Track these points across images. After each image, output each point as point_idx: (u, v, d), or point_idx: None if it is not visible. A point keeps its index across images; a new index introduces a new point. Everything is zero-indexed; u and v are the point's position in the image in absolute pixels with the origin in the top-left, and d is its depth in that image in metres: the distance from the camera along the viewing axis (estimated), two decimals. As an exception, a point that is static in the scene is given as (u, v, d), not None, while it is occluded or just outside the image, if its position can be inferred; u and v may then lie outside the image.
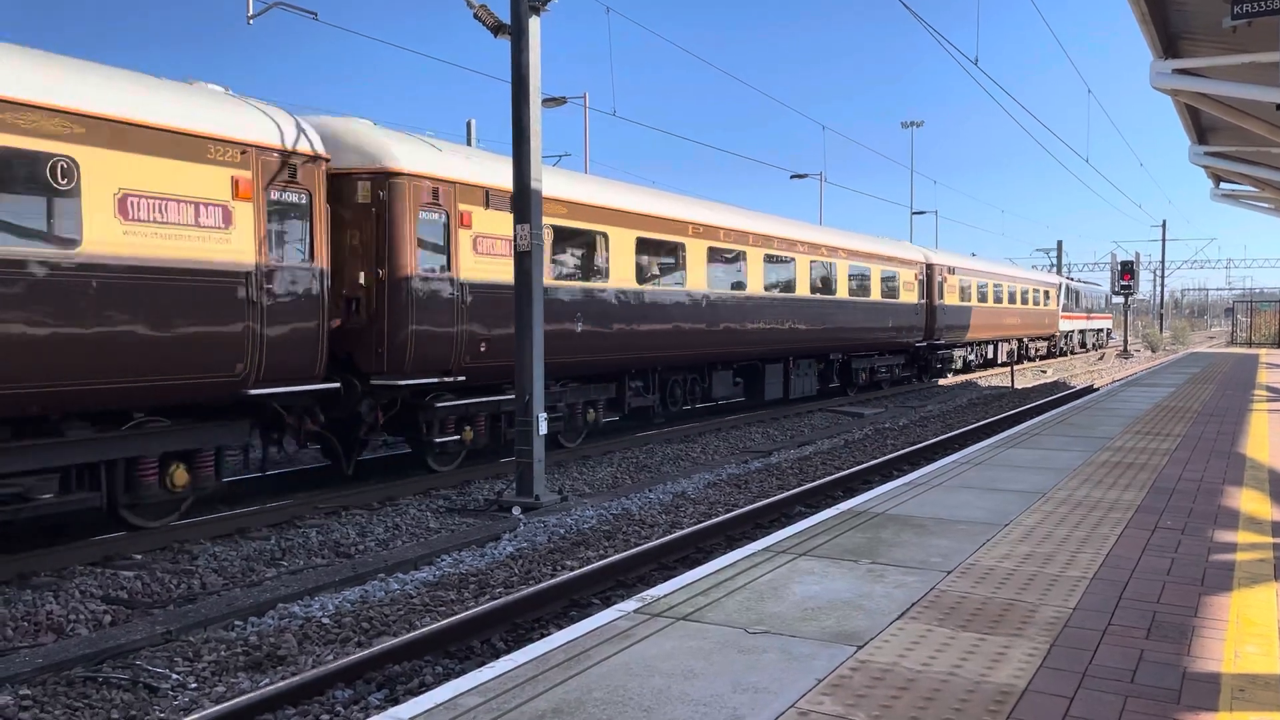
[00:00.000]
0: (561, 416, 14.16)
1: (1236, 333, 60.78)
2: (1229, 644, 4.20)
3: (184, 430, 9.23)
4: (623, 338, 14.95)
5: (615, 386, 15.58)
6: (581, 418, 14.79)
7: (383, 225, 11.10)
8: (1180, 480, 8.30)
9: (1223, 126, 16.06)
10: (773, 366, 20.11)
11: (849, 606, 4.70)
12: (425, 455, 12.39)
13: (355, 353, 11.13)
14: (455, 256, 11.84)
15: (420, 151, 11.69)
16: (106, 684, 5.82)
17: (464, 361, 11.96)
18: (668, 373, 16.96)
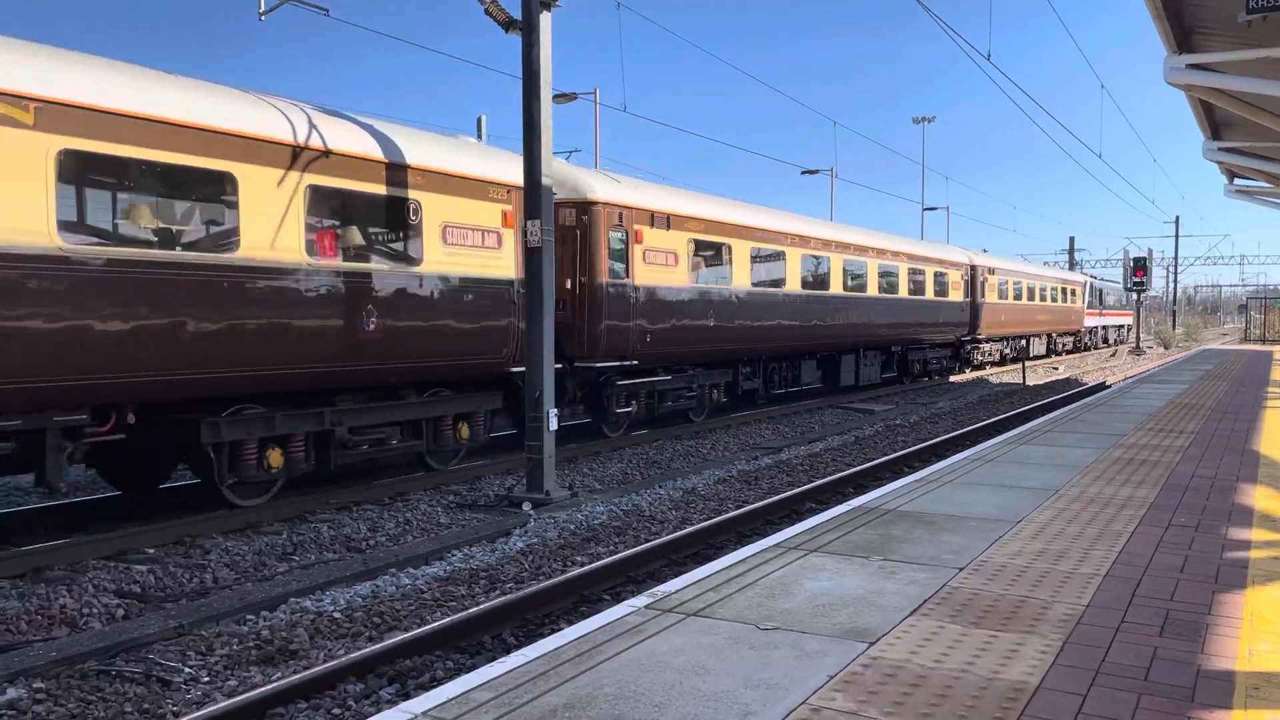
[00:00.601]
0: (695, 396, 17.37)
1: (1250, 329, 60.48)
2: (1243, 642, 4.17)
3: (465, 398, 12.28)
4: (740, 331, 17.86)
5: (731, 372, 18.42)
6: (708, 398, 17.75)
7: (584, 242, 14.24)
8: (1194, 477, 8.26)
9: (1237, 122, 15.95)
10: (847, 357, 22.92)
11: (861, 603, 4.69)
12: (603, 423, 15.38)
13: (563, 342, 13.72)
14: (632, 266, 15.04)
15: (608, 184, 14.85)
16: (120, 677, 5.85)
17: (636, 349, 15.12)
18: (768, 361, 19.84)
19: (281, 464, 10.04)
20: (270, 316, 9.49)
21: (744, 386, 18.93)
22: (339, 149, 10.26)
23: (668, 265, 15.78)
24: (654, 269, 15.43)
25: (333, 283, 10.14)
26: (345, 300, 10.26)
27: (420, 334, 11.12)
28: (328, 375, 10.15)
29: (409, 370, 11.12)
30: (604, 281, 14.37)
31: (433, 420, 11.80)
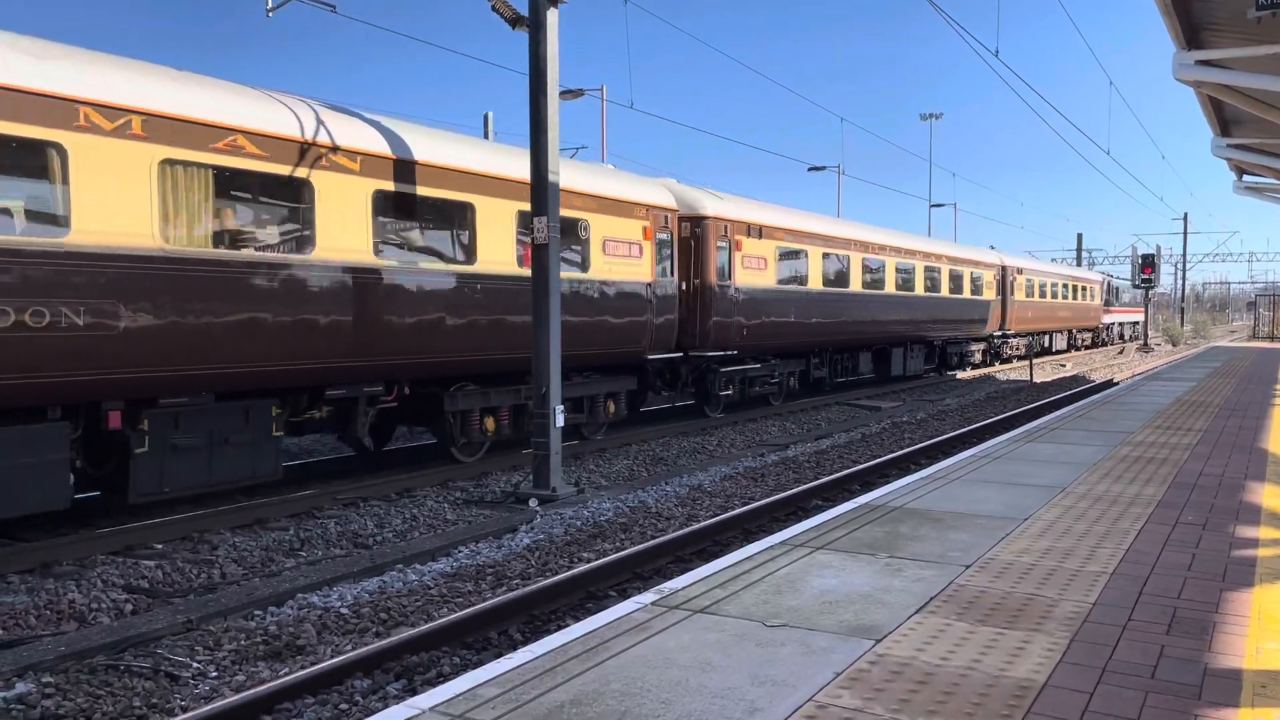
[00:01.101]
0: (777, 383, 19.85)
1: (1259, 327, 60.29)
2: (1250, 640, 4.17)
3: (612, 380, 14.94)
4: (813, 327, 20.39)
5: (804, 363, 21.08)
6: (786, 384, 20.38)
7: (697, 251, 16.78)
8: (1201, 475, 8.24)
9: (1246, 119, 15.89)
10: (897, 350, 25.30)
11: (867, 600, 4.69)
12: (705, 404, 18.00)
13: (680, 335, 16.38)
14: (733, 270, 17.47)
15: (715, 201, 17.37)
16: (128, 672, 5.88)
17: (736, 341, 17.53)
18: (833, 353, 22.41)
19: (493, 429, 12.73)
20: (494, 314, 12.20)
21: (814, 375, 21.65)
22: (582, 187, 13.89)
23: (760, 269, 18.35)
24: (750, 273, 18.00)
25: (581, 296, 13.62)
26: (581, 301, 13.67)
27: (588, 327, 13.85)
28: (523, 361, 12.33)
29: (579, 357, 13.73)
30: (713, 283, 16.94)
31: (590, 397, 14.48)
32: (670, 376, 16.99)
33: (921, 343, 26.92)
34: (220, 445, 9.37)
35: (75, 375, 8.06)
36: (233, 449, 9.48)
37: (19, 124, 7.72)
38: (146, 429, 8.78)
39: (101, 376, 8.26)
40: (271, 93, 10.15)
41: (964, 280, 29.20)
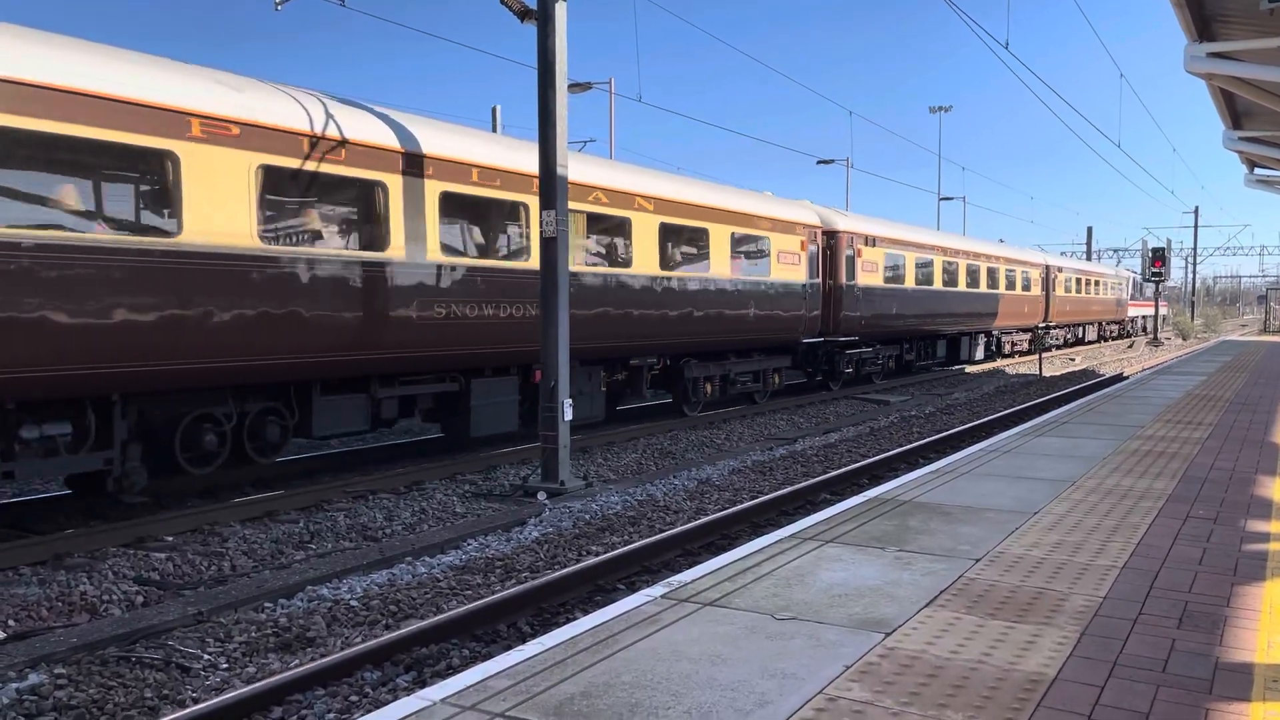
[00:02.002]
0: (880, 364, 24.49)
1: (1270, 320, 60.04)
2: (1262, 634, 4.15)
3: (776, 358, 19.50)
4: (908, 319, 24.92)
5: (899, 349, 25.56)
6: (887, 366, 24.97)
7: (832, 257, 21.17)
8: (1212, 469, 8.21)
9: (1258, 111, 15.80)
10: (964, 338, 29.90)
11: (876, 593, 4.68)
12: (830, 380, 22.64)
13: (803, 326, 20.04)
14: (856, 273, 21.93)
15: (844, 218, 21.99)
16: (140, 663, 5.91)
17: (857, 329, 22.06)
18: (919, 341, 26.87)
19: (708, 393, 17.41)
20: (714, 309, 16.72)
21: (906, 359, 26.18)
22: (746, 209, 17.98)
23: (873, 272, 22.77)
24: (867, 274, 22.40)
25: (740, 288, 17.57)
26: (745, 298, 17.68)
27: (768, 318, 18.36)
28: (729, 343, 17.36)
29: (759, 340, 18.38)
30: (843, 283, 21.35)
31: (764, 371, 19.18)
32: (810, 357, 21.60)
33: (984, 332, 31.58)
34: (578, 395, 13.67)
35: (526, 348, 12.46)
36: (584, 397, 14.06)
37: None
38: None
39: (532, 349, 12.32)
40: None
41: (1016, 278, 33.77)
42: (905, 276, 24.55)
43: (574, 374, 13.19)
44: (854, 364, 22.95)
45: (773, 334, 18.60)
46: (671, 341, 15.70)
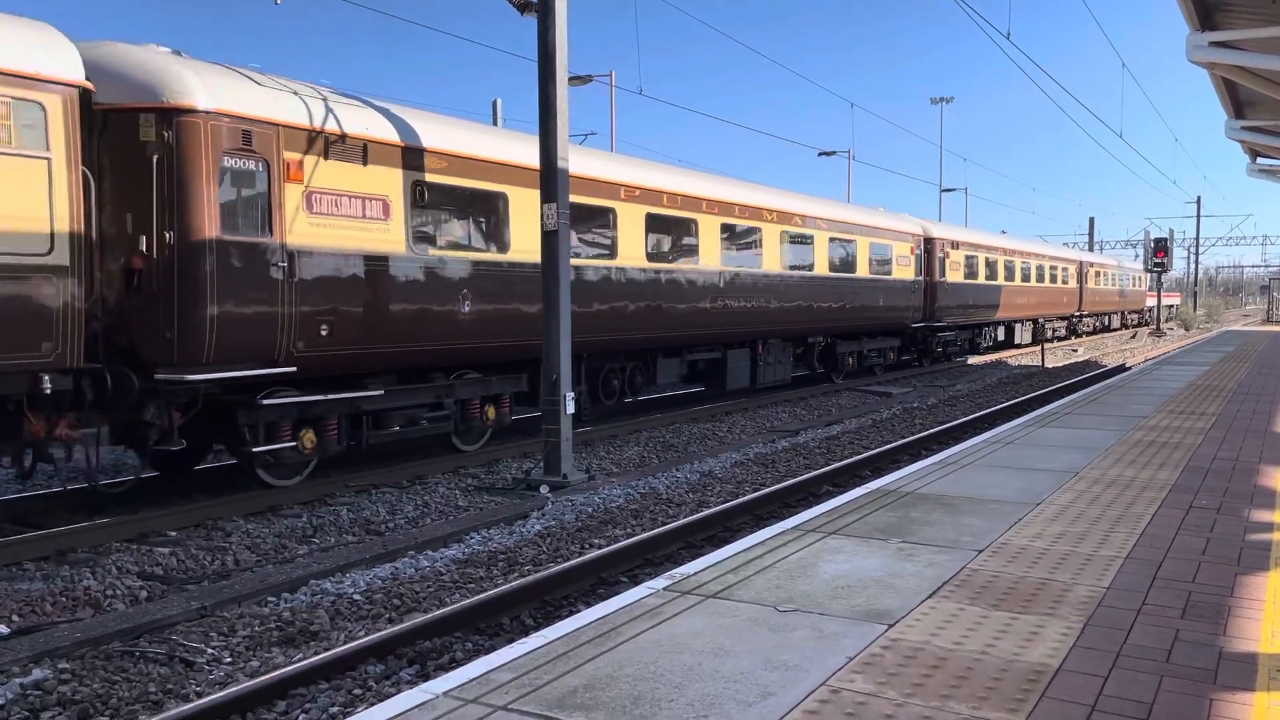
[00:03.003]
0: (959, 345, 29.69)
1: (1272, 310, 59.98)
2: (1266, 624, 4.15)
3: (890, 340, 24.55)
4: (980, 308, 30.35)
5: (973, 332, 30.94)
6: (967, 346, 30.54)
7: (929, 260, 26.15)
8: (1215, 459, 8.20)
9: (1261, 100, 15.75)
10: (1016, 325, 35.20)
11: (879, 585, 4.68)
12: (924, 359, 27.86)
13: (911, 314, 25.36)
14: (946, 272, 27.15)
15: (936, 227, 27.24)
16: (143, 658, 5.91)
17: (945, 317, 27.25)
18: (985, 327, 32.00)
19: (850, 365, 22.86)
20: (858, 301, 22.06)
21: (975, 340, 31.41)
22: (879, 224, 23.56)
23: (957, 270, 28.29)
24: (953, 272, 27.93)
25: (875, 285, 22.90)
26: (877, 292, 23.02)
27: (891, 308, 23.93)
28: (865, 327, 22.95)
29: (884, 325, 23.95)
30: (937, 280, 26.65)
31: (884, 349, 24.67)
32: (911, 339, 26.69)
33: (1031, 320, 36.66)
34: (773, 364, 19.11)
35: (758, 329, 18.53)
36: (779, 365, 19.45)
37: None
38: (763, 353, 18.80)
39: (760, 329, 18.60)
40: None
41: (1056, 273, 39.25)
42: (977, 274, 30.04)
43: (774, 347, 19.40)
44: (942, 344, 28.42)
45: (893, 320, 24.20)
46: (832, 325, 21.32)
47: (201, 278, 8.86)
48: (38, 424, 8.15)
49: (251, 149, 9.30)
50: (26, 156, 7.81)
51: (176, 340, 8.79)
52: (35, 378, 7.93)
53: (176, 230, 8.76)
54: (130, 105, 8.74)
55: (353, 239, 10.25)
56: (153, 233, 8.72)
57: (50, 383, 7.98)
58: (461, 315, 11.49)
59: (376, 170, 10.41)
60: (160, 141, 8.73)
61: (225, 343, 9.03)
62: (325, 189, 9.99)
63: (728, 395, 18.98)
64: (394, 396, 11.06)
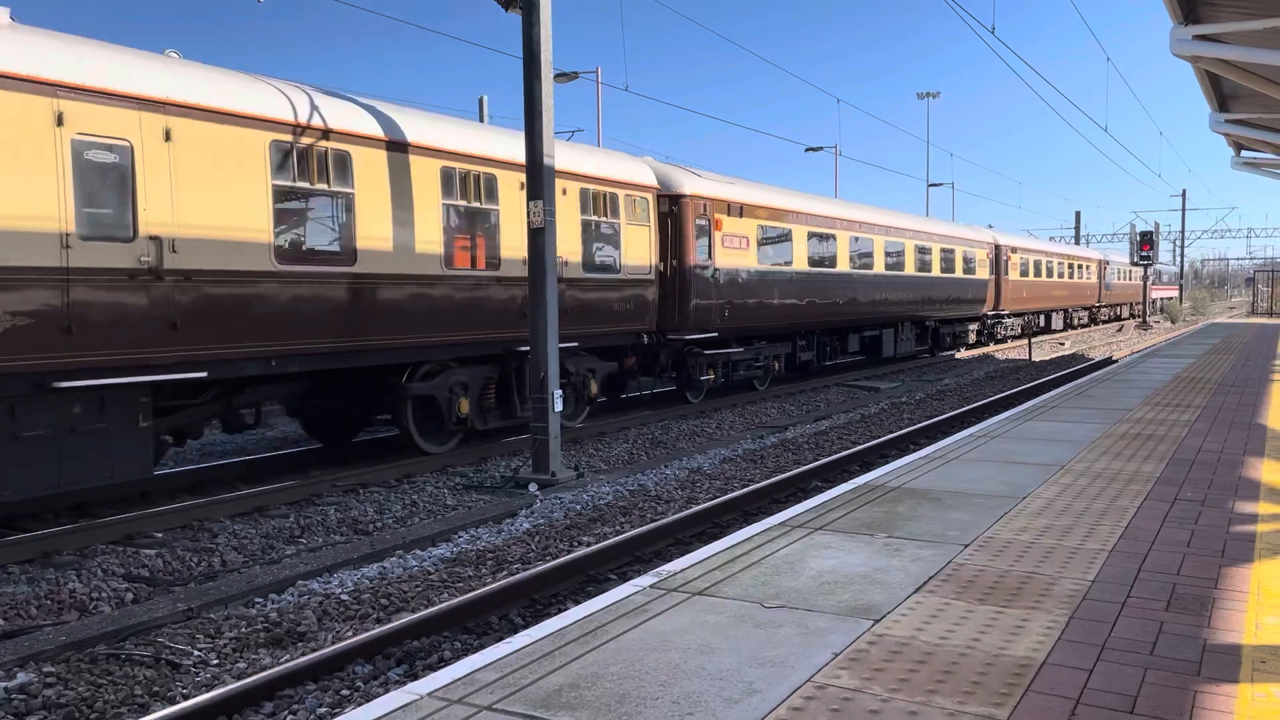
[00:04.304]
0: (1016, 331, 36.48)
1: (1257, 302, 60.30)
2: (1250, 615, 4.17)
3: (969, 324, 31.95)
4: (1035, 300, 38.11)
5: (1023, 320, 37.58)
6: (1031, 328, 37.10)
7: (997, 261, 33.33)
8: (1200, 452, 8.24)
9: (1244, 93, 15.80)
10: (1053, 314, 42.19)
11: (866, 580, 4.69)
12: (990, 339, 34.25)
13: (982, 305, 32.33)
14: (1009, 271, 34.47)
15: (1002, 236, 34.65)
16: (129, 661, 5.89)
17: (1008, 307, 34.70)
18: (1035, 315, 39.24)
19: (947, 343, 29.80)
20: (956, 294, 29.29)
21: (1038, 325, 39.77)
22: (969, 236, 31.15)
23: (1017, 269, 35.61)
24: (1014, 271, 35.28)
25: (964, 282, 29.89)
26: (964, 288, 29.89)
27: (973, 300, 30.51)
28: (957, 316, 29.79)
29: (968, 315, 30.73)
30: (1003, 277, 33.93)
31: (964, 331, 31.02)
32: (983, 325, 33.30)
33: (1063, 310, 43.88)
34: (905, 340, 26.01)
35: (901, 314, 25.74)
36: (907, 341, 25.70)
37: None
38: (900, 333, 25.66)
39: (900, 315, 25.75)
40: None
41: (1082, 270, 46.51)
42: (1029, 273, 37.28)
43: (906, 328, 26.25)
44: (1007, 328, 35.80)
45: (974, 309, 31.65)
46: (941, 314, 28.41)
47: (687, 285, 16.46)
48: (630, 359, 15.95)
49: (705, 214, 16.99)
50: (643, 225, 15.70)
51: (677, 318, 16.41)
52: (638, 335, 15.66)
53: (678, 259, 16.45)
54: (665, 194, 16.37)
55: (738, 261, 17.91)
56: (669, 260, 16.38)
57: (645, 338, 15.81)
58: (776, 303, 19.21)
59: (744, 221, 18.22)
60: (672, 212, 16.43)
61: (696, 320, 16.72)
62: (728, 233, 17.66)
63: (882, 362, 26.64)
64: (743, 353, 18.67)
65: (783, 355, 20.04)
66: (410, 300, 11.44)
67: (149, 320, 8.76)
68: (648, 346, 15.95)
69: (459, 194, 12.11)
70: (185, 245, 9.06)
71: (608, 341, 14.85)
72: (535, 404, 10.98)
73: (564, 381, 13.76)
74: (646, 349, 16.05)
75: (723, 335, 17.42)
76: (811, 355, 21.50)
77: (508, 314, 12.73)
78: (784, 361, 20.16)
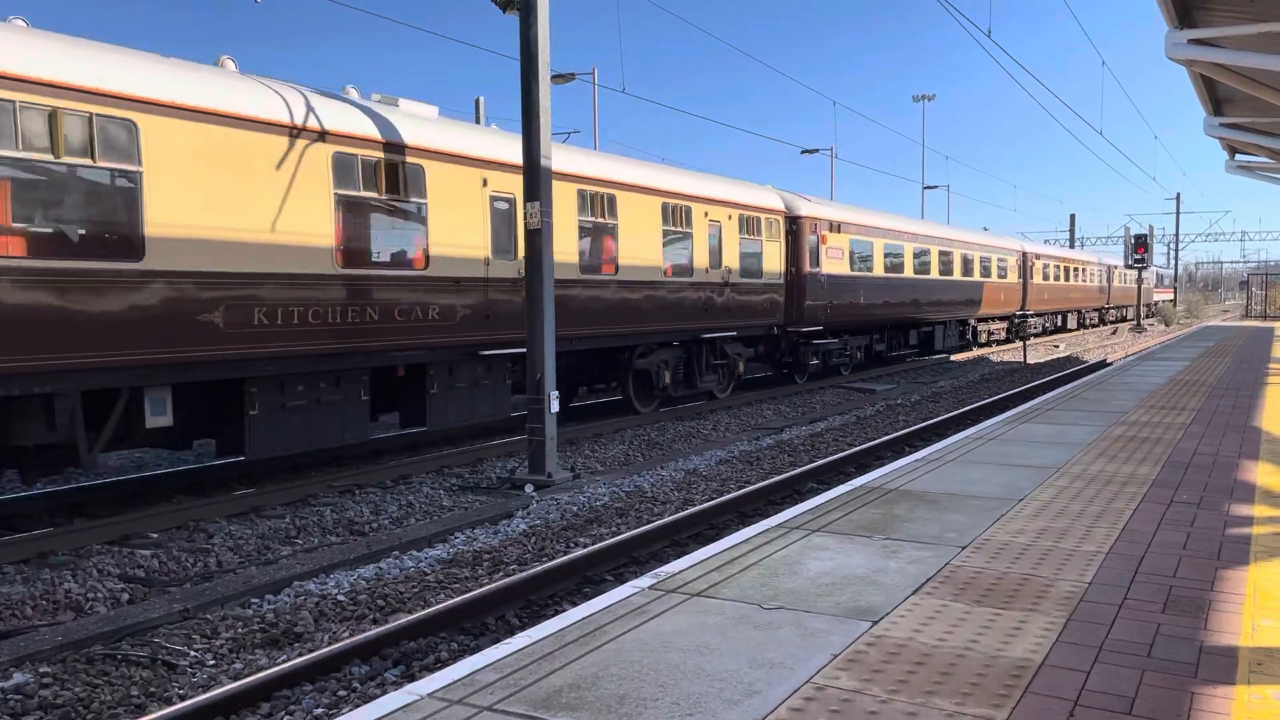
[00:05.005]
0: (1041, 329, 41.30)
1: (1251, 306, 60.46)
2: (1246, 618, 4.18)
3: (1002, 322, 36.40)
4: (1055, 301, 42.63)
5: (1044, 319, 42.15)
6: (1063, 325, 45.68)
7: (1026, 268, 37.82)
8: (1195, 454, 8.27)
9: (1239, 97, 15.86)
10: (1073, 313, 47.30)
11: (864, 582, 4.69)
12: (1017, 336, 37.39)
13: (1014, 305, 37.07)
14: (1034, 275, 39.04)
15: (1030, 244, 40.87)
16: (125, 661, 5.88)
17: (1033, 307, 39.33)
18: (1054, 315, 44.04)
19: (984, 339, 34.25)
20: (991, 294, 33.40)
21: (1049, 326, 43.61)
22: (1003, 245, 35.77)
23: (1041, 274, 39.65)
24: (1038, 276, 39.21)
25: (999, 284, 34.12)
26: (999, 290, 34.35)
27: (1005, 300, 34.94)
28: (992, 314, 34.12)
29: (1001, 313, 35.19)
30: (1030, 281, 37.97)
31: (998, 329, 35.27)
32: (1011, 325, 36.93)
33: (1077, 311, 48.52)
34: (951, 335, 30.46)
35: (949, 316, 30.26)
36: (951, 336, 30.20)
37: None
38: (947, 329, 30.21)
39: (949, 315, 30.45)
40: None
41: (1093, 274, 51.23)
42: (1050, 277, 41.33)
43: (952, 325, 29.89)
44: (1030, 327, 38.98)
45: (1007, 309, 35.65)
46: (979, 313, 32.32)
47: (803, 289, 20.43)
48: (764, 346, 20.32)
49: (816, 231, 21.00)
50: (775, 241, 19.69)
51: (794, 315, 20.30)
52: (769, 328, 19.54)
53: (796, 268, 20.34)
54: (789, 215, 20.49)
55: (837, 269, 21.94)
56: (789, 268, 20.21)
57: (775, 330, 19.82)
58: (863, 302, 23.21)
59: (841, 236, 22.15)
60: (792, 230, 20.43)
61: (809, 317, 20.66)
62: (830, 246, 21.60)
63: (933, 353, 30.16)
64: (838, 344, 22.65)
65: (863, 346, 24.31)
66: (641, 300, 15.62)
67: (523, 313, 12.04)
68: (775, 337, 20.19)
69: (672, 222, 16.56)
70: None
71: (751, 332, 19.01)
72: (531, 405, 10.98)
73: (721, 362, 18.28)
74: (773, 339, 20.28)
75: (825, 329, 21.66)
76: (883, 347, 25.71)
77: (694, 311, 17.08)
78: (864, 351, 24.48)
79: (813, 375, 22.37)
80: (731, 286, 18.03)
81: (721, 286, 17.71)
